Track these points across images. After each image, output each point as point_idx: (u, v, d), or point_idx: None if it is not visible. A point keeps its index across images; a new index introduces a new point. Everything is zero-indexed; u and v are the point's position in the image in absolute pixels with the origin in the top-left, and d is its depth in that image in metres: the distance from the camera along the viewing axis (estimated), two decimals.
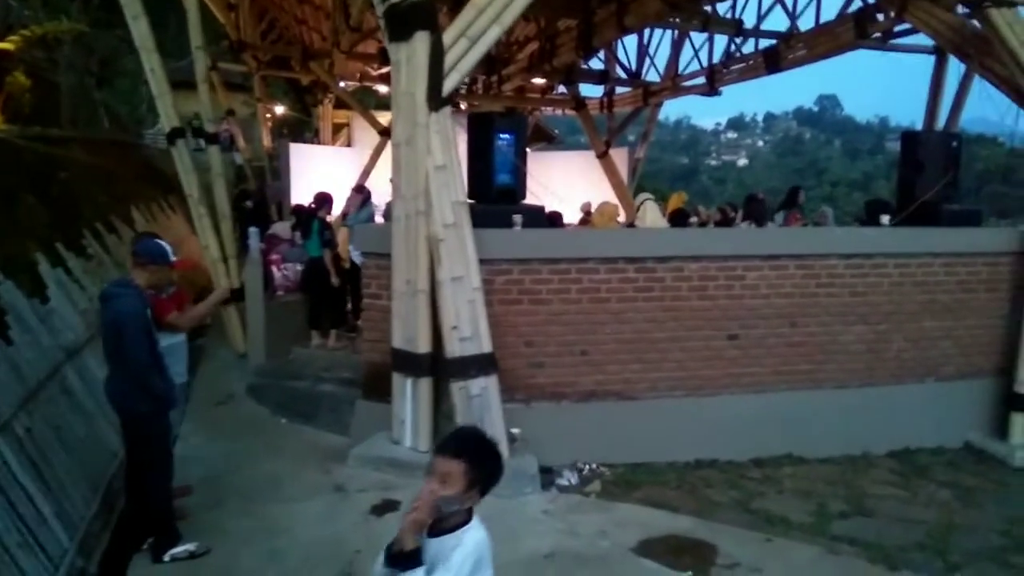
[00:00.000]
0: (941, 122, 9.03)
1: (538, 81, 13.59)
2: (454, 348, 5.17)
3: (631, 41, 13.19)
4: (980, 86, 7.10)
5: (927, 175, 6.80)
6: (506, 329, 5.57)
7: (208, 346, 8.63)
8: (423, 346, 5.25)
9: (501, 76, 13.20)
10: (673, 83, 13.04)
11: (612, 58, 13.68)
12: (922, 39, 8.74)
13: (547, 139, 21.54)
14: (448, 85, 5.20)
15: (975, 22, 6.79)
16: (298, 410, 6.63)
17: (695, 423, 5.93)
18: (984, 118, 8.21)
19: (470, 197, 5.64)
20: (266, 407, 6.86)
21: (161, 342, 4.20)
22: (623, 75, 13.71)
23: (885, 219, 6.58)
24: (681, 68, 12.79)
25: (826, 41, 9.45)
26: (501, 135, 5.92)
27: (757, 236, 6.44)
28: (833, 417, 6.16)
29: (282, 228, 9.58)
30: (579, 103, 14.32)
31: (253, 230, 7.94)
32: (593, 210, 10.70)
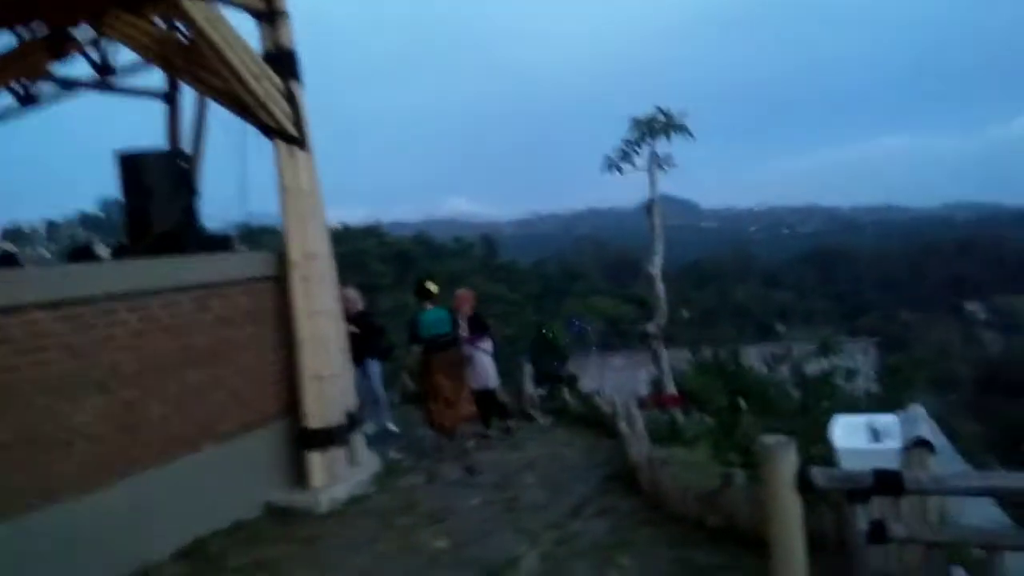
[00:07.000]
0: None
1: None
2: None
3: None
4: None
5: (158, 201, 5.54)
6: None
7: None
8: None
9: None
10: None
11: None
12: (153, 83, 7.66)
13: None
14: None
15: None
16: None
17: None
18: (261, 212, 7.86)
19: None
20: None
21: None
22: None
23: (103, 250, 4.96)
24: None
25: (14, 65, 7.43)
26: None
27: None
28: (85, 534, 4.18)
29: None
30: None
31: None
32: None
